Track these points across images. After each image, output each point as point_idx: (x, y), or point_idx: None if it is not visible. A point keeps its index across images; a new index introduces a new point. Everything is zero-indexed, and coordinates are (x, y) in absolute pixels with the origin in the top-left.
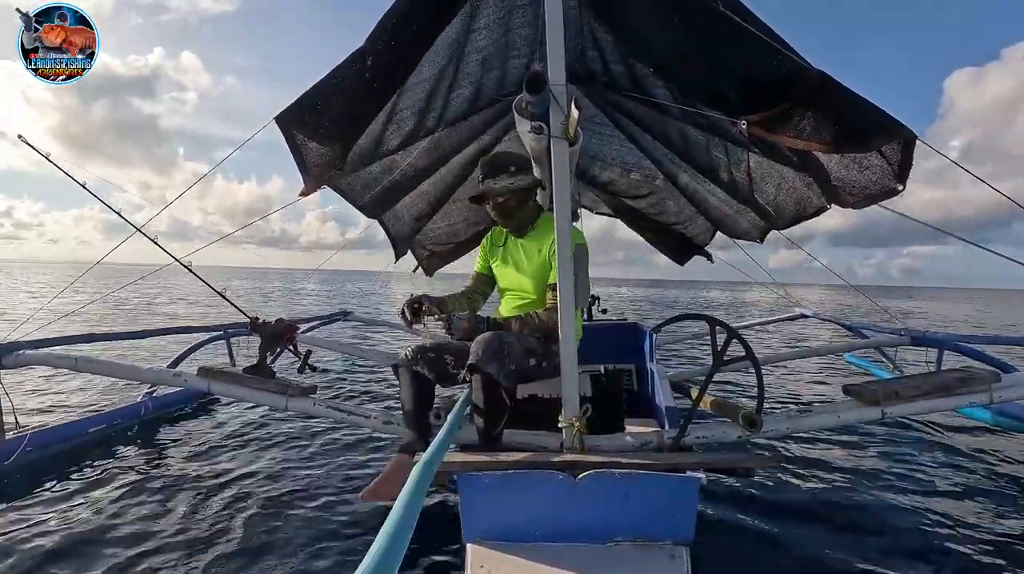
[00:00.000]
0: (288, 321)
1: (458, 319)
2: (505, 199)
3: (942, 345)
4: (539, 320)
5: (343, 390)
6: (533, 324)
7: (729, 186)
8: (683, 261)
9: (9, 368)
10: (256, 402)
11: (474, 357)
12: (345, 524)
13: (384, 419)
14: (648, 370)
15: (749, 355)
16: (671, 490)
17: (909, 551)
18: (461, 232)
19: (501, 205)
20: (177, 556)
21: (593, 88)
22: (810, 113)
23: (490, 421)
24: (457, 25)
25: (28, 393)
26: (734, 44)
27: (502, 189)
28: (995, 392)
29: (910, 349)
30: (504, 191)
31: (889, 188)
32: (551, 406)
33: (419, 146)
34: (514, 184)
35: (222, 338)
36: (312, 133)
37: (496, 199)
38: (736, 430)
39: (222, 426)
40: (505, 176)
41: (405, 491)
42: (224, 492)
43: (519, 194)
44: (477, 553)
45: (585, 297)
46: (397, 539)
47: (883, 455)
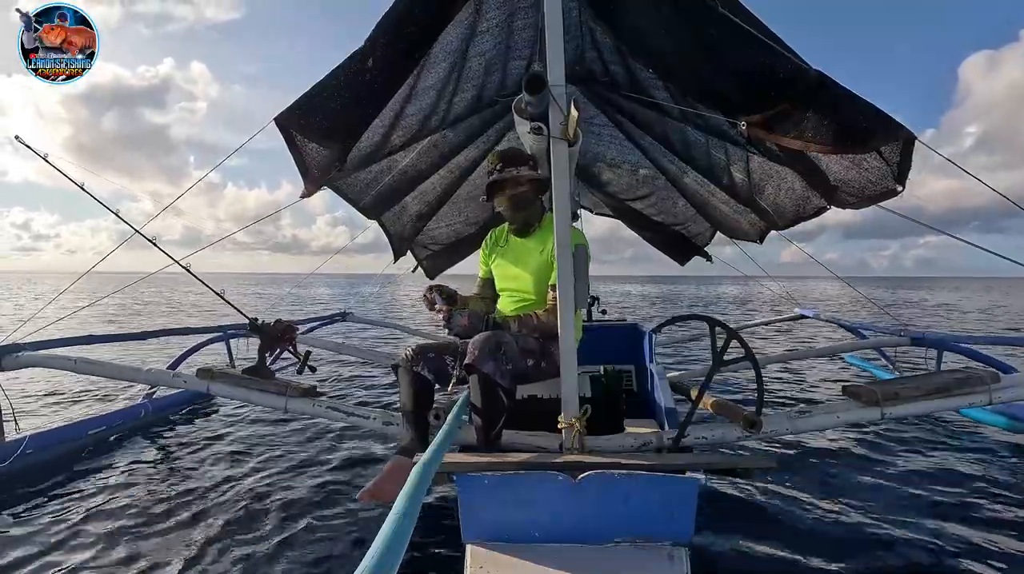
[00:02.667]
0: (287, 322)
1: (458, 315)
2: (525, 189)
3: (942, 345)
4: (538, 321)
5: (343, 391)
6: (532, 325)
7: (729, 187)
8: (683, 262)
9: (9, 370)
10: (255, 403)
11: (471, 357)
12: (344, 524)
13: (384, 420)
14: (648, 370)
15: (749, 355)
16: (670, 491)
17: (909, 551)
18: (461, 233)
19: (518, 196)
20: (177, 556)
21: (593, 88)
22: (809, 114)
23: (488, 421)
24: (461, 28)
25: (28, 393)
26: (733, 45)
27: (526, 178)
28: (994, 393)
29: (910, 349)
30: (525, 179)
31: (888, 189)
32: (551, 407)
33: (419, 147)
34: (535, 176)
35: (221, 339)
36: (312, 134)
37: (516, 188)
38: (736, 431)
39: (221, 427)
40: (525, 167)
41: (404, 492)
42: (223, 493)
43: (536, 185)
44: (476, 554)
45: (585, 297)
46: (396, 540)
47: (883, 456)
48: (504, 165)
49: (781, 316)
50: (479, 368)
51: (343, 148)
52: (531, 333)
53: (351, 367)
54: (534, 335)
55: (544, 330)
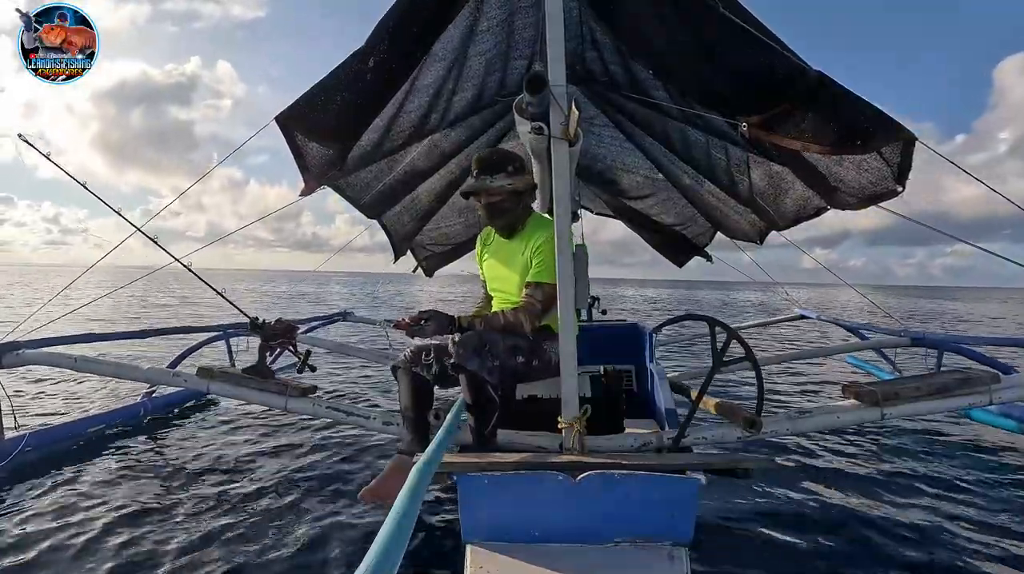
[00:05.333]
0: (287, 321)
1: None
2: (499, 199)
3: (942, 346)
4: (504, 320)
5: (343, 390)
6: (497, 323)
7: (729, 187)
8: (682, 263)
9: (9, 367)
10: (255, 402)
11: (456, 356)
12: (344, 525)
13: (383, 420)
14: (648, 370)
15: (749, 356)
16: (670, 491)
17: (909, 551)
18: (461, 233)
19: (493, 205)
20: (176, 556)
21: (593, 89)
22: (809, 114)
23: (480, 419)
24: (462, 28)
25: (28, 393)
26: (733, 45)
27: (497, 188)
28: (995, 393)
29: (910, 350)
30: (498, 190)
31: (889, 189)
32: (550, 407)
33: (419, 147)
34: (511, 185)
35: (221, 338)
36: (312, 133)
37: (489, 198)
38: (736, 431)
39: (221, 427)
40: (502, 175)
41: (404, 492)
42: (222, 492)
43: (513, 196)
44: (476, 554)
45: (585, 297)
46: (396, 539)
47: (883, 456)
48: (480, 172)
49: (781, 316)
50: (464, 366)
51: (343, 147)
52: (497, 331)
53: (351, 367)
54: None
55: (510, 329)
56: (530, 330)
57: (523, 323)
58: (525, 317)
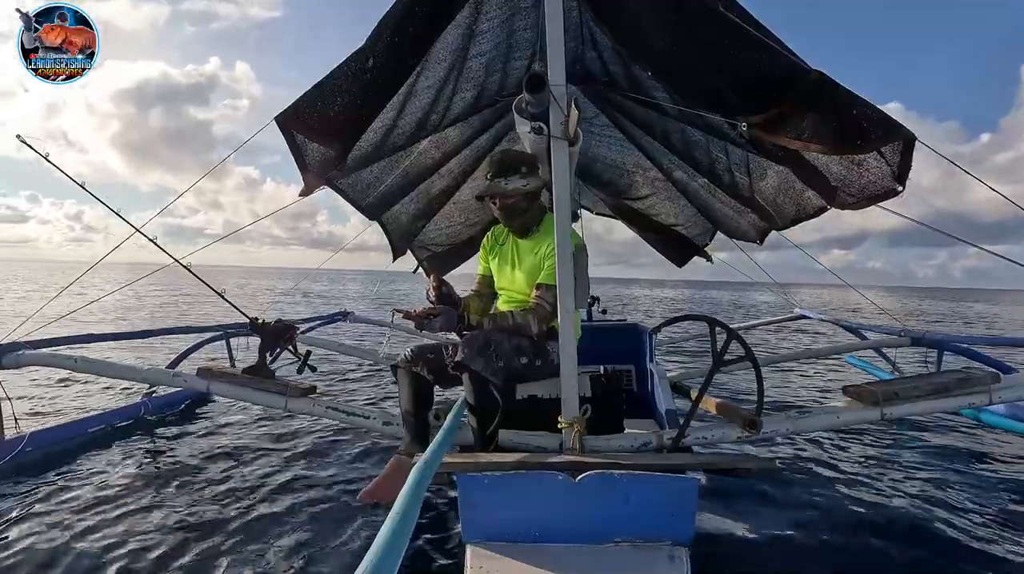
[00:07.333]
0: (287, 321)
1: (430, 323)
2: (513, 200)
3: (942, 346)
4: (512, 321)
5: (343, 391)
6: (506, 324)
7: (729, 186)
8: (682, 263)
9: (9, 368)
10: (255, 403)
11: (461, 355)
12: (344, 525)
13: (383, 420)
14: (648, 371)
15: (749, 356)
16: (670, 491)
17: (911, 552)
18: (462, 233)
19: (508, 206)
20: (176, 556)
21: (593, 89)
22: (809, 114)
23: (482, 419)
24: (462, 28)
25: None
26: (733, 45)
27: (512, 190)
28: (995, 393)
29: (910, 350)
30: (513, 192)
31: (889, 189)
32: (550, 407)
33: (419, 147)
34: (526, 186)
35: (221, 338)
36: (312, 133)
37: (504, 199)
38: (736, 431)
39: (221, 427)
40: (516, 177)
41: (404, 492)
42: (223, 493)
43: (527, 196)
44: (476, 554)
45: (584, 298)
46: (396, 540)
47: (883, 456)
48: (494, 174)
49: (781, 316)
50: (469, 366)
51: (343, 148)
52: (505, 332)
53: (351, 367)
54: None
55: (520, 330)
56: (538, 332)
57: (532, 325)
58: (534, 319)
